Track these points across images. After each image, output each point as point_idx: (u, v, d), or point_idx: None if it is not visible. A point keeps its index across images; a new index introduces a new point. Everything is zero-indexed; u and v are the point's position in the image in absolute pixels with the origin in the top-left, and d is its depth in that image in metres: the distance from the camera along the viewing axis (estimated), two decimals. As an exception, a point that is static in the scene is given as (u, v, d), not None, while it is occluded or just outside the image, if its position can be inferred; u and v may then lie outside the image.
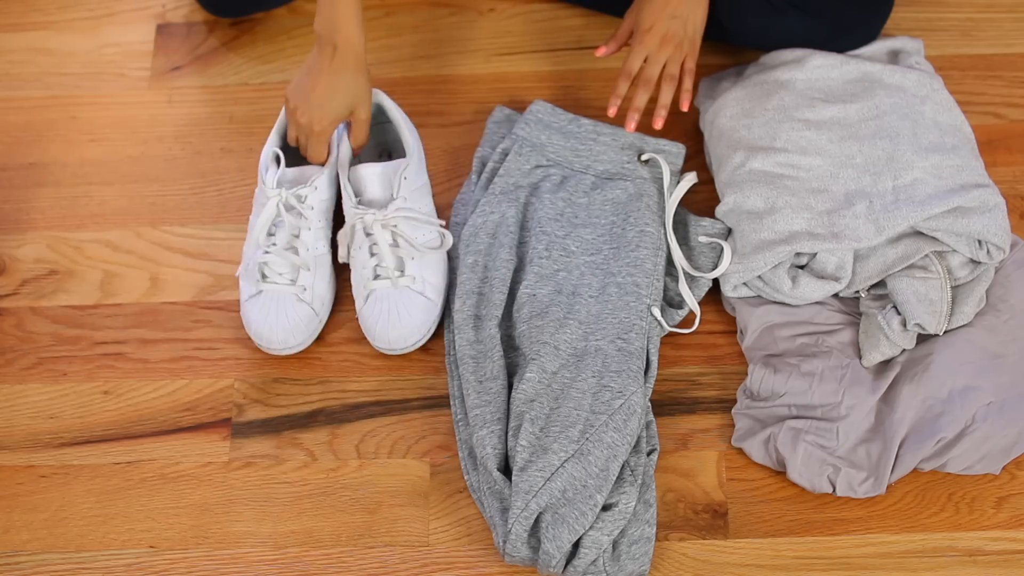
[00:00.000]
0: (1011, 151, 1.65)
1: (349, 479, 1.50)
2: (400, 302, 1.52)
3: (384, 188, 1.54)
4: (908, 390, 1.46)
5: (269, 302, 1.53)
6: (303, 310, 1.54)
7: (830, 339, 1.50)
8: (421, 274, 1.53)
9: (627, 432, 1.44)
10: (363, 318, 1.54)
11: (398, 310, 1.52)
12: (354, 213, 1.52)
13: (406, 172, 1.54)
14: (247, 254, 1.56)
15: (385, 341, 1.53)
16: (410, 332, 1.52)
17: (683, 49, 1.57)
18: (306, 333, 1.54)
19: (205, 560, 1.46)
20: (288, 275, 1.54)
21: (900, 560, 1.42)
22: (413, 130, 1.60)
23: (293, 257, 1.53)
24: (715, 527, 1.45)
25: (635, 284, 1.52)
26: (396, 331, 1.52)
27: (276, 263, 1.54)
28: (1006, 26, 1.74)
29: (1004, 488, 1.46)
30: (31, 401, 1.56)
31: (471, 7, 1.80)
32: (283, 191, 1.53)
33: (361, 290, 1.54)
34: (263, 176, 1.55)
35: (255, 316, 1.54)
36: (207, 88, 1.76)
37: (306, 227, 1.54)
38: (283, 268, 1.54)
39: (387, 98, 1.61)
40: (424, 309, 1.53)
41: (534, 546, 1.41)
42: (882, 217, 1.50)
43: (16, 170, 1.71)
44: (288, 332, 1.53)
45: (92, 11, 1.83)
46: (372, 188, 1.54)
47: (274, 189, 1.53)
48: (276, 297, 1.53)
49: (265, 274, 1.54)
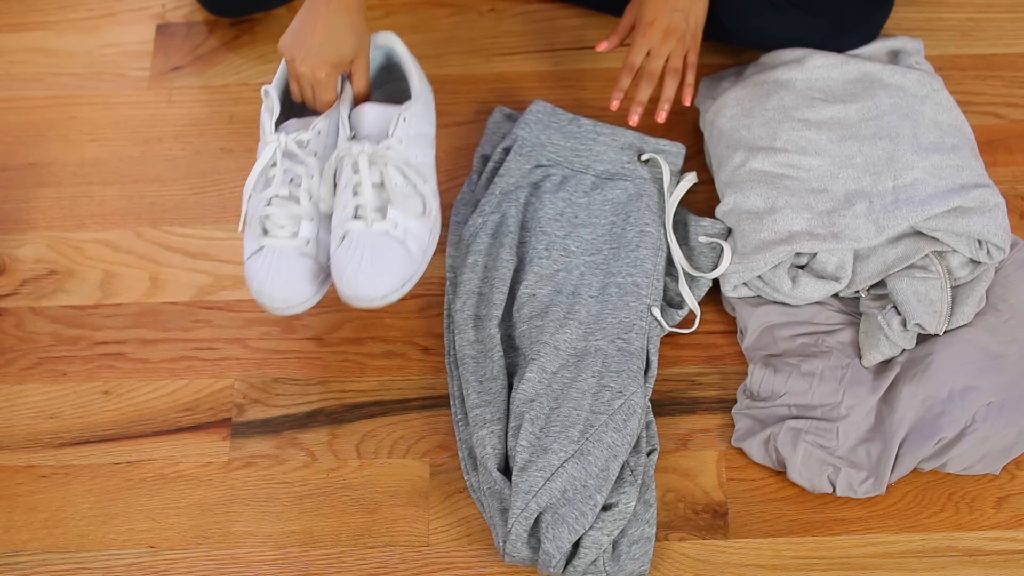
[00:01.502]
0: (1011, 151, 1.65)
1: (349, 479, 1.50)
2: (376, 247, 1.41)
3: (382, 127, 1.45)
4: (908, 390, 1.46)
5: (271, 258, 1.44)
6: (306, 264, 1.44)
7: (830, 339, 1.50)
8: (404, 222, 1.43)
9: (627, 432, 1.44)
10: (335, 261, 1.42)
11: (371, 256, 1.40)
12: (344, 146, 1.44)
13: (406, 113, 1.46)
14: (246, 206, 1.47)
15: (352, 287, 1.40)
16: (381, 282, 1.40)
17: (685, 42, 1.57)
18: (311, 290, 1.44)
19: (205, 560, 1.46)
20: (290, 227, 1.44)
21: (900, 560, 1.43)
22: (423, 76, 1.52)
23: (294, 207, 1.44)
24: (715, 527, 1.45)
25: (635, 284, 1.52)
26: (366, 276, 1.40)
27: (277, 215, 1.44)
28: (1006, 26, 1.74)
29: (1004, 488, 1.46)
30: (31, 401, 1.56)
31: (471, 7, 1.80)
32: (282, 136, 1.44)
33: (338, 230, 1.43)
34: (263, 125, 1.46)
35: (254, 273, 1.44)
36: (207, 88, 1.76)
37: (308, 175, 1.45)
38: (284, 220, 1.44)
39: (399, 41, 1.52)
40: (401, 259, 1.42)
41: (534, 546, 1.41)
42: (882, 217, 1.50)
43: (16, 170, 1.71)
44: (291, 289, 1.43)
45: (92, 11, 1.83)
46: (369, 125, 1.45)
47: (273, 134, 1.45)
48: (278, 252, 1.44)
49: (266, 228, 1.45)
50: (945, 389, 1.46)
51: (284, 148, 1.44)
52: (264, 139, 1.46)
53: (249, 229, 1.47)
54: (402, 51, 1.54)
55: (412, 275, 1.44)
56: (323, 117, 1.47)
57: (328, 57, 1.45)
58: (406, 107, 1.47)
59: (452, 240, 1.61)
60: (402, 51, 1.54)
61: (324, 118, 1.47)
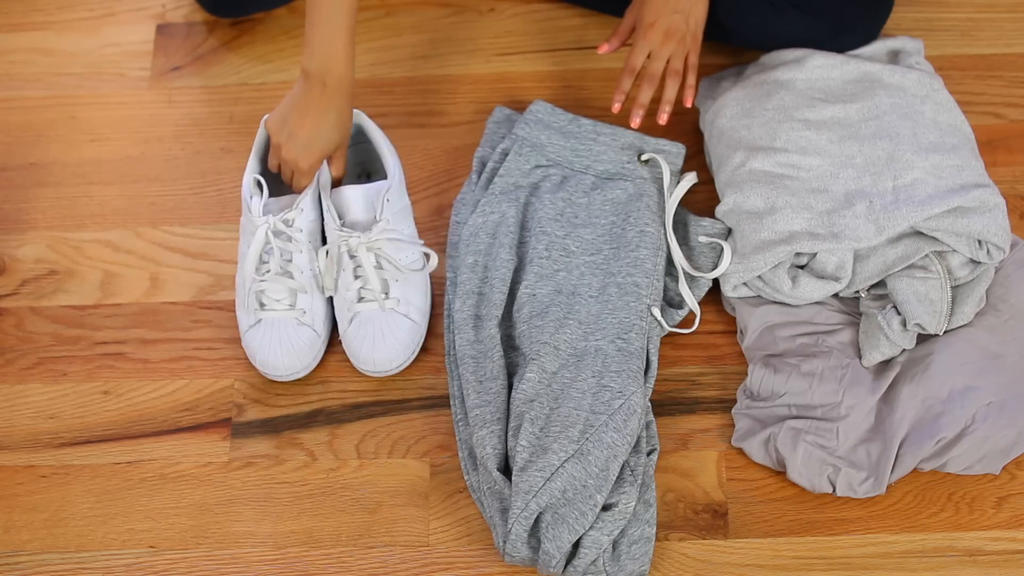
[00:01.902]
0: (1011, 151, 1.65)
1: (349, 479, 1.50)
2: (385, 324, 1.52)
3: (367, 210, 1.53)
4: (908, 390, 1.46)
5: (270, 329, 1.53)
6: (305, 333, 1.53)
7: (830, 339, 1.50)
8: (406, 296, 1.53)
9: (627, 432, 1.44)
10: (347, 340, 1.53)
11: (383, 332, 1.52)
12: (338, 236, 1.51)
13: (388, 194, 1.53)
14: (241, 285, 1.55)
15: (370, 363, 1.52)
16: (395, 354, 1.52)
17: (686, 44, 1.57)
18: (311, 355, 1.53)
19: (205, 560, 1.46)
20: (286, 300, 1.53)
21: (900, 560, 1.42)
22: (393, 151, 1.59)
23: (289, 281, 1.52)
24: (715, 527, 1.45)
25: (635, 284, 1.52)
26: (381, 353, 1.51)
27: (273, 290, 1.53)
28: (1006, 26, 1.74)
29: (1004, 488, 1.46)
30: (31, 401, 1.56)
31: (471, 7, 1.80)
32: (271, 218, 1.51)
33: (345, 313, 1.53)
34: (248, 204, 1.53)
35: (258, 345, 1.53)
36: (207, 88, 1.76)
37: (297, 250, 1.53)
38: (280, 294, 1.53)
39: (367, 118, 1.59)
40: (409, 331, 1.53)
41: (534, 546, 1.41)
42: (882, 217, 1.50)
43: (16, 170, 1.71)
44: (293, 357, 1.52)
45: (92, 11, 1.83)
46: (355, 210, 1.53)
47: (261, 217, 1.51)
48: (277, 323, 1.53)
49: (263, 302, 1.53)
50: (945, 389, 1.46)
51: (273, 228, 1.52)
52: (252, 221, 1.52)
53: (243, 304, 1.54)
54: (371, 127, 1.59)
55: (419, 341, 1.55)
56: (305, 195, 1.54)
57: (313, 151, 1.50)
58: (386, 188, 1.54)
59: (452, 240, 1.61)
60: (371, 127, 1.59)
61: (306, 196, 1.54)
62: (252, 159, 1.56)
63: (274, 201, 1.55)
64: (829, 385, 1.47)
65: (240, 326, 1.55)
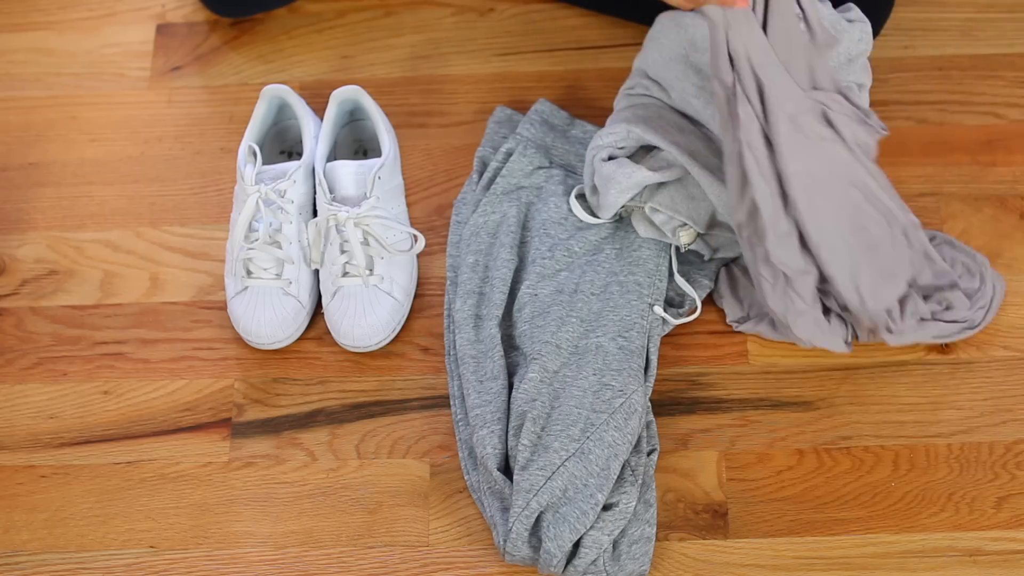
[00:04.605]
0: (1011, 151, 1.65)
1: (349, 479, 1.50)
2: (367, 300, 1.53)
3: (358, 186, 1.55)
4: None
5: (255, 297, 1.54)
6: (290, 303, 1.54)
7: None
8: (390, 274, 1.54)
9: (628, 431, 1.44)
10: (329, 314, 1.55)
11: (364, 308, 1.53)
12: (327, 209, 1.53)
13: (380, 172, 1.55)
14: (230, 251, 1.57)
15: (350, 337, 1.53)
16: (375, 331, 1.53)
17: None
18: (294, 326, 1.55)
19: (205, 560, 1.46)
20: (273, 269, 1.55)
21: (900, 560, 1.43)
22: (391, 130, 1.61)
23: (276, 251, 1.54)
24: (715, 527, 1.45)
25: (637, 283, 1.52)
26: (361, 329, 1.52)
27: (260, 258, 1.54)
28: (1006, 26, 1.74)
29: (1004, 488, 1.46)
30: (31, 401, 1.56)
31: (471, 7, 1.80)
32: (262, 187, 1.54)
33: (329, 286, 1.55)
34: (242, 172, 1.55)
35: (242, 312, 1.54)
36: (207, 88, 1.76)
37: (287, 221, 1.55)
38: (267, 263, 1.55)
39: (366, 95, 1.61)
40: (390, 308, 1.54)
41: (535, 545, 1.41)
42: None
43: (16, 170, 1.71)
44: (276, 326, 1.54)
45: (92, 11, 1.83)
46: (346, 185, 1.54)
47: (253, 185, 1.53)
48: (262, 292, 1.54)
49: (250, 270, 1.55)
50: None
51: (264, 197, 1.54)
52: (244, 189, 1.54)
53: (231, 270, 1.56)
54: (369, 105, 1.61)
55: (399, 319, 1.56)
56: (297, 166, 1.55)
57: None
58: (379, 165, 1.55)
59: (452, 240, 1.61)
60: (369, 105, 1.61)
61: (298, 168, 1.55)
62: (251, 126, 1.59)
63: (268, 169, 1.57)
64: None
65: (227, 292, 1.57)
